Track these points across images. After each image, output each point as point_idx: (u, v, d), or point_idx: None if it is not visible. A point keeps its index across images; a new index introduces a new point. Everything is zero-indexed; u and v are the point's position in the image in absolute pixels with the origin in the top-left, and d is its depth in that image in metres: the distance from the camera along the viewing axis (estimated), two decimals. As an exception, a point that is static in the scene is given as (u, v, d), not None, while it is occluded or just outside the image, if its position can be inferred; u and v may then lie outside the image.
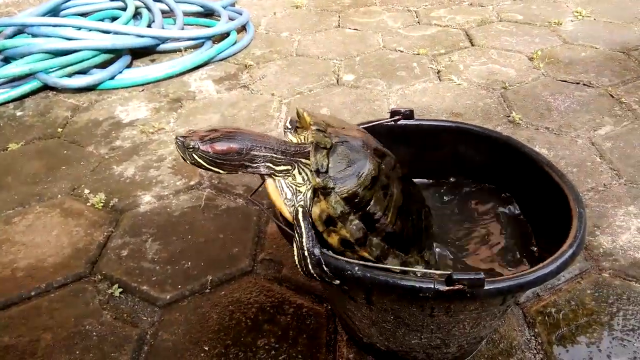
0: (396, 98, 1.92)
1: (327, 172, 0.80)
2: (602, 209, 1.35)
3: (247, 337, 1.05)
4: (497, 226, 1.05)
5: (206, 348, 1.03)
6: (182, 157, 0.81)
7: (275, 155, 0.82)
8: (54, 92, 2.11)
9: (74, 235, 1.35)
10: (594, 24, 2.48)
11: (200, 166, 0.81)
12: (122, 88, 2.13)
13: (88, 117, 1.93)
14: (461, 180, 1.15)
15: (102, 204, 1.45)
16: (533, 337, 1.03)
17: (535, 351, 1.01)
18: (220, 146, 0.79)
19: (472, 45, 2.34)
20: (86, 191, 1.50)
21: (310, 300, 1.13)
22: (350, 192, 0.80)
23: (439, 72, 2.10)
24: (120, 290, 1.17)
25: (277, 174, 0.84)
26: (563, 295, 1.12)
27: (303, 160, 0.83)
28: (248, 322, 1.08)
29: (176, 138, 0.80)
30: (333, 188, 0.80)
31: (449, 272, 0.72)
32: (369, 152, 0.85)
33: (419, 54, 2.26)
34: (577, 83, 1.95)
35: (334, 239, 0.81)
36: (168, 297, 1.15)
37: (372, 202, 0.83)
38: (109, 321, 1.11)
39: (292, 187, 0.84)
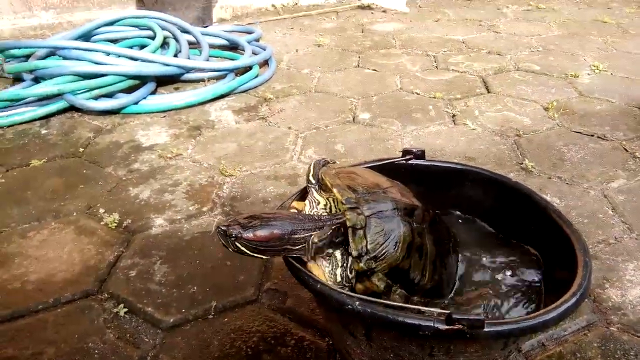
0: (410, 139, 1.95)
1: (367, 253, 0.82)
2: (612, 262, 1.34)
3: (246, 366, 1.05)
4: (506, 271, 1.05)
5: (205, 374, 1.04)
6: (223, 244, 0.83)
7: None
8: (79, 113, 2.18)
9: (86, 252, 1.37)
10: (611, 78, 2.51)
11: (243, 253, 0.83)
12: (144, 113, 2.20)
13: (110, 139, 1.99)
14: (471, 222, 1.16)
15: (115, 224, 1.48)
16: (535, 388, 1.02)
17: (536, 402, 0.99)
18: (262, 233, 0.81)
19: (488, 92, 2.37)
20: (101, 210, 1.54)
21: (312, 334, 1.13)
22: (391, 266, 0.84)
23: (454, 116, 2.14)
24: (126, 310, 1.19)
25: (321, 256, 0.87)
26: (569, 347, 1.11)
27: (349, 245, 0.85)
28: (248, 350, 1.09)
29: (218, 227, 0.82)
30: (375, 268, 0.82)
31: (449, 312, 0.72)
32: (400, 215, 0.88)
33: (435, 98, 2.30)
34: (592, 135, 1.96)
35: (360, 287, 0.85)
36: (172, 320, 1.16)
37: (410, 269, 0.86)
38: (112, 340, 1.12)
39: (334, 265, 0.88)
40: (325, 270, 0.87)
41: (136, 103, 2.20)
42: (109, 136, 2.01)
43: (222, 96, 2.33)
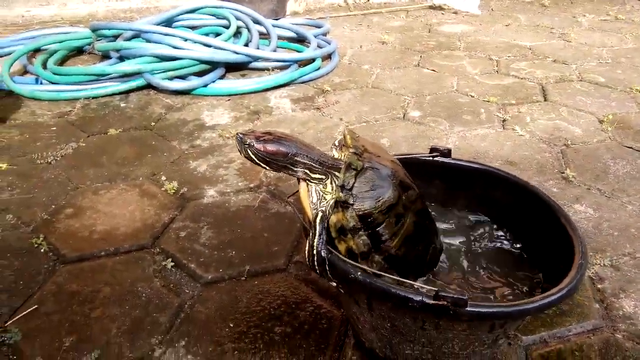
0: (455, 139, 2.01)
1: (351, 189, 0.93)
2: (633, 275, 1.36)
3: (267, 323, 1.19)
4: (510, 265, 1.12)
5: (231, 325, 1.19)
6: (238, 150, 0.97)
7: (313, 165, 0.97)
8: (155, 91, 2.41)
9: (146, 212, 1.56)
10: (679, 95, 2.43)
11: (252, 160, 0.97)
12: (212, 95, 2.39)
13: (178, 116, 2.19)
14: (484, 220, 1.23)
15: (173, 191, 1.66)
16: (529, 378, 1.09)
17: (527, 390, 1.06)
18: (271, 147, 0.94)
19: (545, 100, 2.37)
20: (163, 178, 1.73)
21: (329, 304, 1.25)
22: (365, 211, 0.94)
23: (504, 120, 2.17)
24: (172, 264, 1.36)
25: (311, 181, 0.98)
26: (570, 346, 1.16)
27: (336, 174, 0.97)
28: (272, 310, 1.23)
29: (237, 134, 0.97)
30: (352, 204, 0.94)
31: (437, 289, 0.82)
32: (394, 182, 0.98)
33: (488, 101, 2.34)
34: (643, 151, 1.94)
35: (342, 247, 0.94)
36: (210, 277, 1.32)
37: (382, 225, 0.95)
38: (158, 287, 1.29)
39: (320, 193, 0.98)
40: (311, 189, 0.98)
41: (205, 86, 2.40)
42: (178, 114, 2.21)
43: (283, 85, 2.48)
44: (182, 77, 2.42)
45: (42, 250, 1.40)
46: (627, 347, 1.16)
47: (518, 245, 1.16)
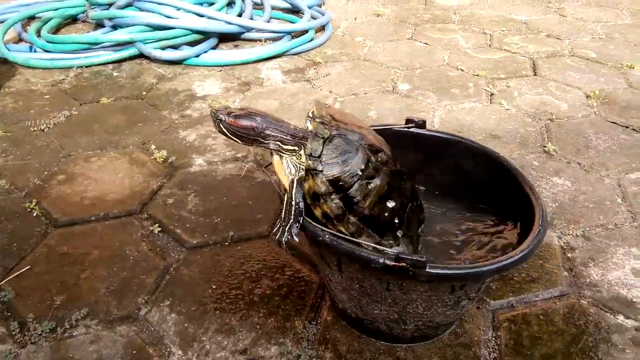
0: (442, 112, 2.04)
1: (319, 157, 0.98)
2: (603, 245, 1.41)
3: (248, 285, 1.25)
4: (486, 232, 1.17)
5: (214, 286, 1.25)
6: (213, 124, 1.02)
7: (284, 137, 1.02)
8: (147, 61, 2.44)
9: (135, 179, 1.61)
10: (668, 72, 2.45)
11: (224, 135, 1.02)
12: (204, 66, 2.41)
13: (170, 86, 2.22)
14: (460, 190, 1.28)
15: (162, 159, 1.71)
16: (494, 339, 1.15)
17: (491, 350, 1.12)
18: (241, 122, 1.00)
19: (535, 74, 2.39)
20: (153, 147, 1.78)
21: (308, 269, 1.31)
22: (335, 176, 0.99)
23: (491, 95, 2.20)
24: (159, 229, 1.42)
25: (284, 152, 1.03)
26: (536, 310, 1.22)
27: (307, 144, 1.01)
28: (252, 274, 1.28)
29: (211, 109, 1.01)
30: (321, 170, 0.99)
31: (398, 252, 0.87)
32: (362, 146, 1.02)
33: (478, 75, 2.36)
34: (626, 127, 1.97)
35: (318, 212, 1.00)
36: (195, 242, 1.38)
37: (353, 188, 1.00)
38: (145, 251, 1.35)
39: (296, 165, 1.03)
40: (286, 162, 1.03)
41: (197, 56, 2.42)
42: (170, 83, 2.24)
43: (275, 56, 2.50)
44: (175, 47, 2.44)
45: (34, 215, 1.45)
46: (591, 312, 1.22)
47: (490, 213, 1.21)
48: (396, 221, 1.08)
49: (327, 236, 0.93)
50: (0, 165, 1.66)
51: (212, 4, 2.76)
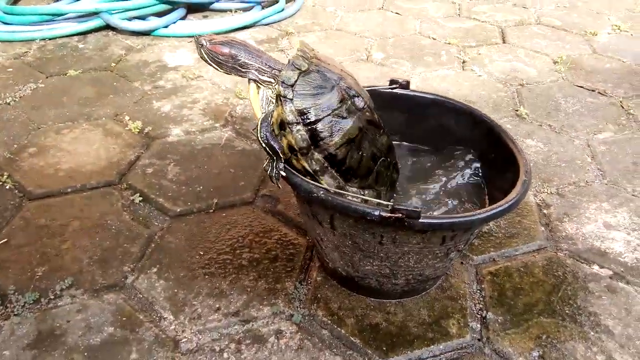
0: (417, 80, 2.06)
1: (292, 86, 0.98)
2: (576, 202, 1.47)
3: (236, 250, 1.25)
4: (464, 186, 1.20)
5: (201, 253, 1.24)
6: (196, 49, 1.03)
7: (262, 67, 1.02)
8: (114, 32, 2.36)
9: (111, 151, 1.57)
10: (629, 38, 2.53)
11: (205, 61, 1.03)
12: (173, 37, 2.35)
13: (139, 57, 2.16)
14: (443, 145, 1.30)
15: (138, 130, 1.67)
16: (478, 291, 1.19)
17: (476, 301, 1.16)
18: (220, 49, 1.01)
19: (504, 42, 2.44)
20: (126, 118, 1.73)
21: (295, 232, 1.31)
22: (304, 107, 0.97)
23: (463, 62, 2.23)
24: (141, 198, 1.39)
25: (261, 83, 1.03)
26: (516, 264, 1.26)
27: (282, 72, 1.00)
28: (240, 239, 1.28)
29: (195, 36, 1.03)
30: (291, 99, 0.97)
31: (392, 203, 0.88)
32: (339, 86, 1.00)
33: (449, 44, 2.38)
34: (593, 90, 2.04)
35: (284, 143, 0.99)
36: (178, 210, 1.36)
37: (321, 122, 0.98)
38: (127, 220, 1.32)
39: (269, 98, 1.04)
40: (262, 93, 1.04)
41: (166, 27, 2.35)
42: (139, 55, 2.18)
43: (247, 27, 2.46)
44: (142, 18, 2.37)
45: (7, 187, 1.40)
46: (568, 263, 1.27)
47: (472, 171, 1.24)
48: (364, 171, 1.06)
49: (321, 192, 0.93)
50: (-35, 140, 1.59)
51: (178, -27, 2.68)
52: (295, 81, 0.97)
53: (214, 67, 1.04)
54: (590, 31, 2.58)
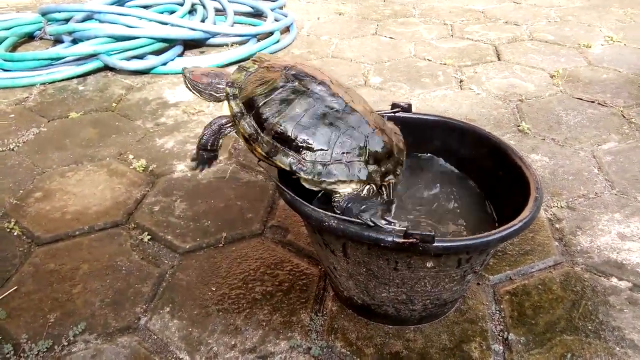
0: (416, 101, 2.07)
1: (238, 84, 1.07)
2: (588, 214, 1.46)
3: (249, 284, 1.23)
4: (468, 204, 1.19)
5: (213, 289, 1.22)
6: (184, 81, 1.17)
7: (232, 84, 1.10)
8: (113, 72, 2.38)
9: (116, 191, 1.57)
10: (623, 49, 2.56)
11: (190, 90, 1.17)
12: (172, 74, 2.37)
13: (140, 96, 2.18)
14: (445, 165, 1.29)
15: (142, 168, 1.66)
16: (498, 312, 1.17)
17: (497, 322, 1.14)
18: (200, 78, 1.13)
19: (499, 59, 2.46)
20: (130, 157, 1.73)
21: (307, 262, 1.30)
22: (247, 97, 1.03)
23: (461, 81, 2.24)
24: (149, 237, 1.38)
25: (232, 98, 1.08)
26: (533, 281, 1.25)
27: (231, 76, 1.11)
28: (251, 272, 1.26)
29: (183, 67, 1.18)
30: (237, 95, 1.05)
31: (405, 228, 0.87)
32: (285, 72, 1.03)
33: (445, 64, 2.40)
34: (592, 102, 2.05)
35: (240, 136, 1.06)
36: (187, 246, 1.35)
37: (263, 107, 1.00)
38: (137, 260, 1.31)
39: None
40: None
41: (164, 64, 2.38)
42: (139, 93, 2.19)
43: (243, 59, 2.48)
44: (140, 57, 2.39)
45: (15, 234, 1.39)
46: (586, 277, 1.25)
47: (477, 190, 1.23)
48: (322, 140, 0.98)
49: (332, 221, 0.92)
50: (-30, 188, 1.59)
51: (173, 12, 2.73)
52: (243, 80, 1.07)
53: (197, 95, 1.16)
54: (583, 44, 2.60)
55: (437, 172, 1.28)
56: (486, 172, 1.22)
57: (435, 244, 0.87)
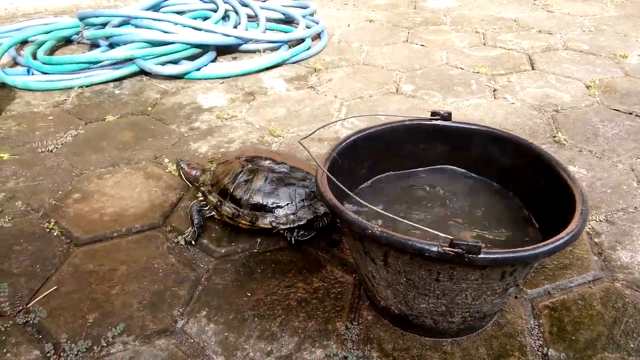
0: (450, 110, 2.05)
1: (207, 183, 1.43)
2: (627, 228, 1.43)
3: (283, 290, 1.23)
4: (512, 218, 1.18)
5: (249, 294, 1.23)
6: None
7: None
8: (148, 77, 2.42)
9: (153, 193, 1.59)
10: (662, 59, 2.50)
11: (183, 179, 1.54)
12: (205, 79, 2.40)
13: (174, 100, 2.21)
14: (484, 179, 1.28)
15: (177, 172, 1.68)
16: (537, 327, 1.15)
17: (536, 337, 1.12)
18: (188, 172, 1.51)
19: (533, 69, 2.43)
20: (166, 160, 1.76)
21: (342, 270, 1.30)
22: (220, 188, 1.38)
23: (495, 90, 2.22)
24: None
25: (208, 194, 1.44)
26: (573, 296, 1.22)
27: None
28: (286, 279, 1.27)
29: (177, 159, 1.55)
30: (211, 191, 1.41)
31: (452, 238, 0.86)
32: (239, 160, 1.40)
33: (478, 73, 2.39)
34: (630, 113, 2.00)
35: (224, 218, 1.38)
36: (223, 250, 1.36)
37: (233, 189, 1.36)
38: (173, 263, 1.33)
39: None
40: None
41: (198, 69, 2.41)
42: (174, 98, 2.23)
43: (275, 66, 2.50)
44: (175, 62, 2.43)
45: (54, 234, 1.42)
46: (627, 294, 1.22)
47: (518, 202, 1.21)
48: (288, 201, 1.34)
49: (375, 229, 0.92)
50: (12, 188, 1.62)
51: (206, 18, 2.76)
52: (209, 178, 1.44)
53: (188, 183, 1.53)
54: (620, 54, 2.55)
55: (473, 183, 1.27)
56: (527, 183, 1.21)
57: (481, 255, 0.86)
